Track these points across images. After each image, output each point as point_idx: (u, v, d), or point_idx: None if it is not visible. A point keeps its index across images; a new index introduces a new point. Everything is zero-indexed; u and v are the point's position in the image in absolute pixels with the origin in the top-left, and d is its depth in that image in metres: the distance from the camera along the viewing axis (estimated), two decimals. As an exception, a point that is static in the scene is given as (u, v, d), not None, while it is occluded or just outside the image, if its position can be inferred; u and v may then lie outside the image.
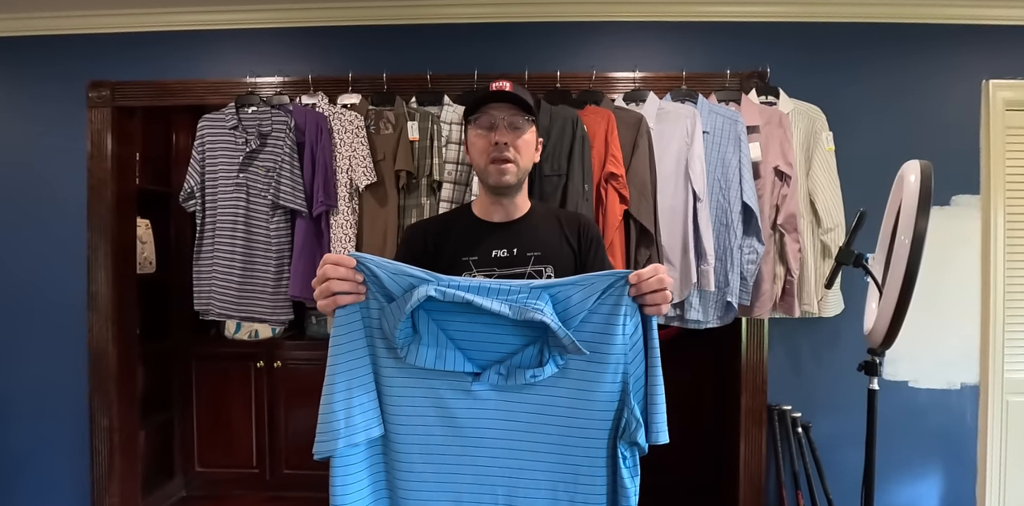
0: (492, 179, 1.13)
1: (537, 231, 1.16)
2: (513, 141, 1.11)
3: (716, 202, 1.99)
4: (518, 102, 1.11)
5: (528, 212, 1.20)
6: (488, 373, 0.89)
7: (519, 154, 1.12)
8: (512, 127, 1.12)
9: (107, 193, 2.30)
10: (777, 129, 2.01)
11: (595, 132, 2.01)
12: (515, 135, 1.12)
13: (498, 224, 1.17)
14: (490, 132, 1.12)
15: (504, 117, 1.11)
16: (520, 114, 1.12)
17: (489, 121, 1.12)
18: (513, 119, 1.12)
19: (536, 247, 1.15)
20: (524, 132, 1.13)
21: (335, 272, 0.88)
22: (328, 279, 0.88)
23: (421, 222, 1.35)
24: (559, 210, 1.31)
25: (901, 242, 1.07)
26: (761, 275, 1.99)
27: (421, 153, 2.08)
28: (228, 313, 2.12)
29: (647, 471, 3.07)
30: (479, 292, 0.87)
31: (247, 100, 2.17)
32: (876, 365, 1.26)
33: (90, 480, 2.22)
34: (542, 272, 1.13)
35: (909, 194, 1.07)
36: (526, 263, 1.13)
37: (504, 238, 1.15)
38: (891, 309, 1.08)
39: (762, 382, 2.11)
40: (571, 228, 1.18)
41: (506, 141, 1.10)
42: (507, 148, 1.11)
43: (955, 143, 2.16)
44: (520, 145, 1.13)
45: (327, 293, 0.88)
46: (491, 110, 1.12)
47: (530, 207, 1.21)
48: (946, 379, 2.16)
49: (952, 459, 2.15)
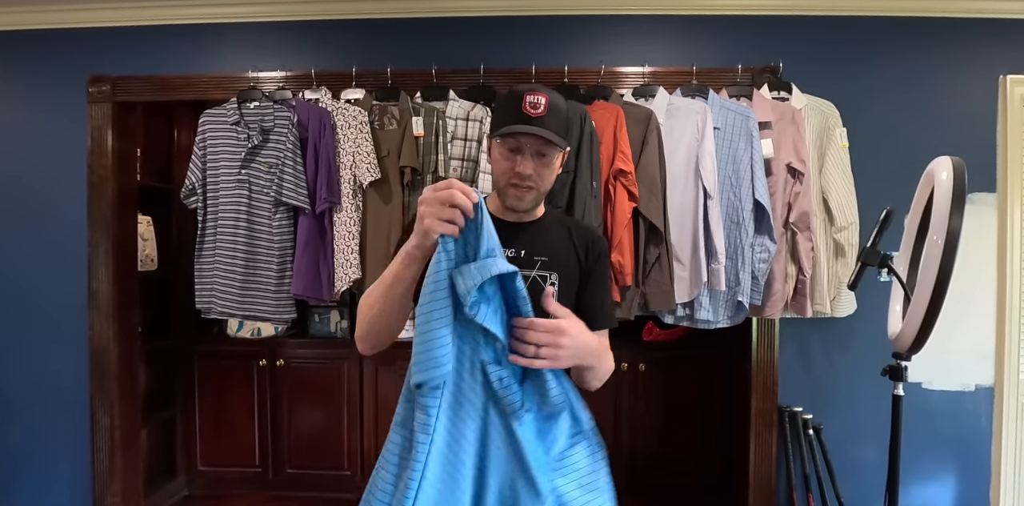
0: (508, 202, 1.09)
1: (547, 236, 1.13)
2: (538, 171, 1.06)
3: (727, 199, 1.95)
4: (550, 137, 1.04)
5: (541, 217, 1.17)
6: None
7: (542, 181, 1.07)
8: (539, 155, 1.05)
9: (108, 190, 2.27)
10: (790, 125, 1.97)
11: (604, 128, 1.97)
12: (540, 165, 1.05)
13: (510, 223, 1.14)
14: (514, 154, 1.05)
15: (532, 145, 1.03)
16: (550, 145, 1.03)
17: (515, 144, 1.04)
18: (542, 148, 1.04)
19: (544, 252, 1.11)
20: (551, 159, 1.06)
21: (462, 200, 0.86)
22: (454, 205, 0.86)
23: None
24: (571, 220, 1.28)
25: (933, 242, 1.02)
26: (772, 274, 1.95)
27: (426, 149, 2.04)
28: (230, 312, 2.09)
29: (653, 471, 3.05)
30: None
31: (249, 95, 2.14)
32: (902, 370, 1.22)
33: (91, 478, 2.20)
34: (547, 278, 1.09)
35: (942, 192, 1.02)
36: (532, 266, 1.09)
37: (514, 238, 1.11)
38: (922, 312, 1.03)
39: (772, 383, 2.07)
40: (580, 240, 1.15)
41: (530, 173, 1.05)
42: (530, 179, 1.05)
43: (972, 140, 2.11)
44: (545, 173, 1.07)
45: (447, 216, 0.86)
46: (518, 137, 1.04)
47: (543, 212, 1.18)
48: (960, 381, 2.12)
49: (966, 462, 2.11)
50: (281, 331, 2.93)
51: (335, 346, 2.89)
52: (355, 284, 2.05)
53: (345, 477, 2.82)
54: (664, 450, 2.78)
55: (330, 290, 2.06)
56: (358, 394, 2.84)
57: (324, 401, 2.85)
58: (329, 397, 2.85)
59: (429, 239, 0.89)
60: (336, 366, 2.87)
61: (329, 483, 2.82)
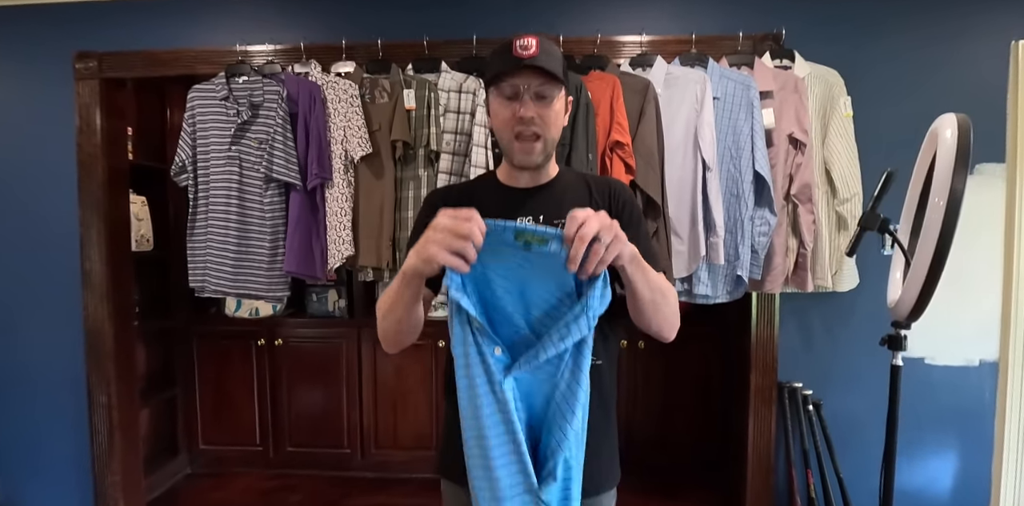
0: (517, 159, 1.04)
1: (564, 197, 1.07)
2: (541, 113, 0.99)
3: (727, 171, 1.90)
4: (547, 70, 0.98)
5: (556, 177, 1.11)
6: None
7: (547, 127, 1.00)
8: (539, 97, 0.98)
9: (98, 169, 2.24)
10: (792, 94, 1.91)
11: (600, 99, 1.92)
12: (543, 106, 0.98)
13: (523, 189, 1.09)
14: (513, 102, 0.99)
15: (530, 86, 0.97)
16: (549, 83, 0.98)
17: (512, 90, 0.99)
18: (541, 88, 0.97)
19: (562, 215, 1.06)
20: (553, 100, 1.00)
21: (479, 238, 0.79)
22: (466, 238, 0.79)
23: (445, 186, 1.29)
24: (589, 175, 1.19)
25: (935, 204, 0.97)
26: (773, 248, 1.91)
27: (418, 122, 1.99)
28: (223, 290, 2.08)
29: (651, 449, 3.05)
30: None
31: (238, 69, 2.09)
32: (901, 339, 1.18)
33: (91, 457, 2.21)
34: None
35: (945, 151, 0.97)
36: None
37: (529, 204, 1.06)
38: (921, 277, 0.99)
39: (772, 359, 2.04)
40: (601, 193, 1.08)
41: (532, 116, 0.98)
42: (533, 123, 0.99)
43: (981, 108, 2.04)
44: (548, 117, 1.00)
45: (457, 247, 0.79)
46: (515, 79, 0.98)
47: (558, 172, 1.12)
48: (964, 356, 2.08)
49: (968, 439, 2.09)
50: (279, 310, 2.92)
51: (333, 325, 2.88)
52: (348, 261, 2.02)
53: (345, 455, 2.84)
54: (663, 427, 2.77)
55: (323, 267, 2.04)
56: (356, 373, 2.84)
57: (323, 380, 2.86)
58: (328, 376, 2.85)
59: (429, 267, 0.83)
60: (335, 345, 2.86)
61: (329, 461, 2.84)
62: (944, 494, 2.08)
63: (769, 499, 2.07)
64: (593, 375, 0.89)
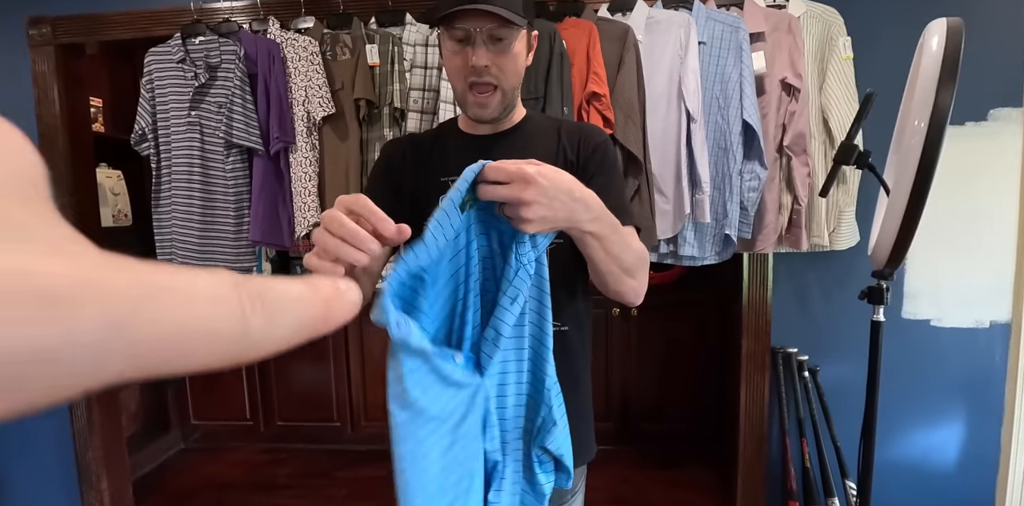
0: (471, 112, 0.92)
1: (528, 143, 0.95)
2: (496, 61, 0.87)
3: (713, 123, 1.76)
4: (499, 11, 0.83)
5: (521, 121, 0.97)
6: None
7: (504, 75, 0.88)
8: (493, 40, 0.86)
9: (59, 141, 2.16)
10: (785, 35, 1.75)
11: (575, 48, 1.77)
12: (497, 51, 0.86)
13: (482, 137, 0.96)
14: (466, 47, 0.87)
15: (482, 29, 0.85)
16: (504, 24, 0.84)
17: (463, 33, 0.86)
18: (494, 31, 0.85)
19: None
20: (510, 44, 0.87)
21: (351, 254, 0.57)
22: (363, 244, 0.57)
23: (406, 135, 1.16)
24: (563, 120, 1.04)
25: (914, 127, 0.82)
26: (764, 204, 1.77)
27: (382, 79, 1.87)
28: (191, 262, 2.01)
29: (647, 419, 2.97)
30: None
31: (193, 29, 1.97)
32: (882, 291, 1.05)
33: (71, 433, 2.19)
34: None
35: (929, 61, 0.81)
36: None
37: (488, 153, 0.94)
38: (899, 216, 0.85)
39: (765, 323, 1.93)
40: (571, 137, 0.95)
41: (485, 64, 0.86)
42: (487, 71, 0.87)
43: (994, 50, 1.86)
44: (505, 64, 0.88)
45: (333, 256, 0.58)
46: (465, 21, 0.85)
47: (524, 116, 0.98)
48: (973, 317, 1.95)
49: (977, 404, 1.97)
50: (263, 285, 2.86)
51: (318, 299, 2.81)
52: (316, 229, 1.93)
53: (335, 428, 2.81)
54: (657, 397, 2.69)
55: (291, 236, 1.95)
56: (343, 347, 2.79)
57: (311, 355, 2.81)
58: (315, 351, 2.80)
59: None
60: (320, 319, 2.80)
61: (320, 434, 2.81)
62: (949, 462, 1.98)
63: (762, 469, 1.98)
64: (557, 342, 0.76)
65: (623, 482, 2.39)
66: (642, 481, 2.42)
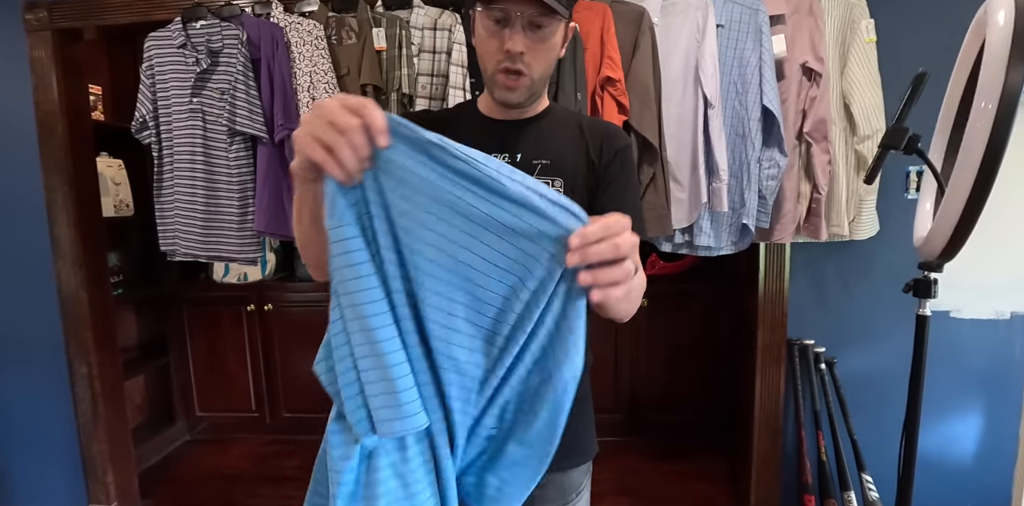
0: (497, 95, 0.89)
1: (551, 135, 0.92)
2: (532, 48, 0.84)
3: (731, 109, 1.70)
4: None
5: (544, 111, 0.94)
6: None
7: (536, 64, 0.86)
8: (532, 27, 0.82)
9: (58, 128, 2.11)
10: (807, 17, 1.69)
11: (589, 31, 1.72)
12: (535, 40, 0.83)
13: (502, 122, 0.93)
14: (503, 29, 0.83)
15: (524, 14, 0.81)
16: (546, 12, 0.81)
17: (503, 13, 0.82)
18: (535, 18, 0.82)
19: (545, 154, 0.90)
20: (549, 33, 0.84)
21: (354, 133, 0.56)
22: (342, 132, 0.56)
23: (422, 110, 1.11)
24: (584, 116, 1.02)
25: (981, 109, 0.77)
26: (783, 193, 1.73)
27: (389, 64, 1.82)
28: (194, 252, 1.97)
29: (656, 410, 2.93)
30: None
31: (194, 13, 1.92)
32: (930, 284, 1.00)
33: (75, 426, 2.17)
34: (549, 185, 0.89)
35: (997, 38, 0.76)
36: (530, 172, 0.87)
37: (507, 140, 0.91)
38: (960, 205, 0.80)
39: (782, 314, 1.89)
40: (594, 135, 0.92)
41: (520, 51, 0.83)
42: (520, 59, 0.83)
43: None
44: (540, 53, 0.85)
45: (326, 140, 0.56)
46: (506, 2, 0.81)
47: (547, 106, 0.95)
48: (994, 308, 1.91)
49: (995, 397, 1.93)
50: (268, 275, 2.83)
51: (323, 289, 2.77)
52: (322, 219, 1.89)
53: (342, 421, 2.79)
54: (667, 388, 2.66)
55: (297, 226, 1.91)
56: (350, 338, 2.76)
57: (315, 345, 2.74)
58: (320, 340, 2.77)
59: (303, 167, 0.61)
60: (325, 309, 2.76)
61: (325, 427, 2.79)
62: (966, 457, 1.95)
63: (776, 462, 1.96)
64: None
65: (631, 473, 2.37)
66: (651, 472, 2.40)
